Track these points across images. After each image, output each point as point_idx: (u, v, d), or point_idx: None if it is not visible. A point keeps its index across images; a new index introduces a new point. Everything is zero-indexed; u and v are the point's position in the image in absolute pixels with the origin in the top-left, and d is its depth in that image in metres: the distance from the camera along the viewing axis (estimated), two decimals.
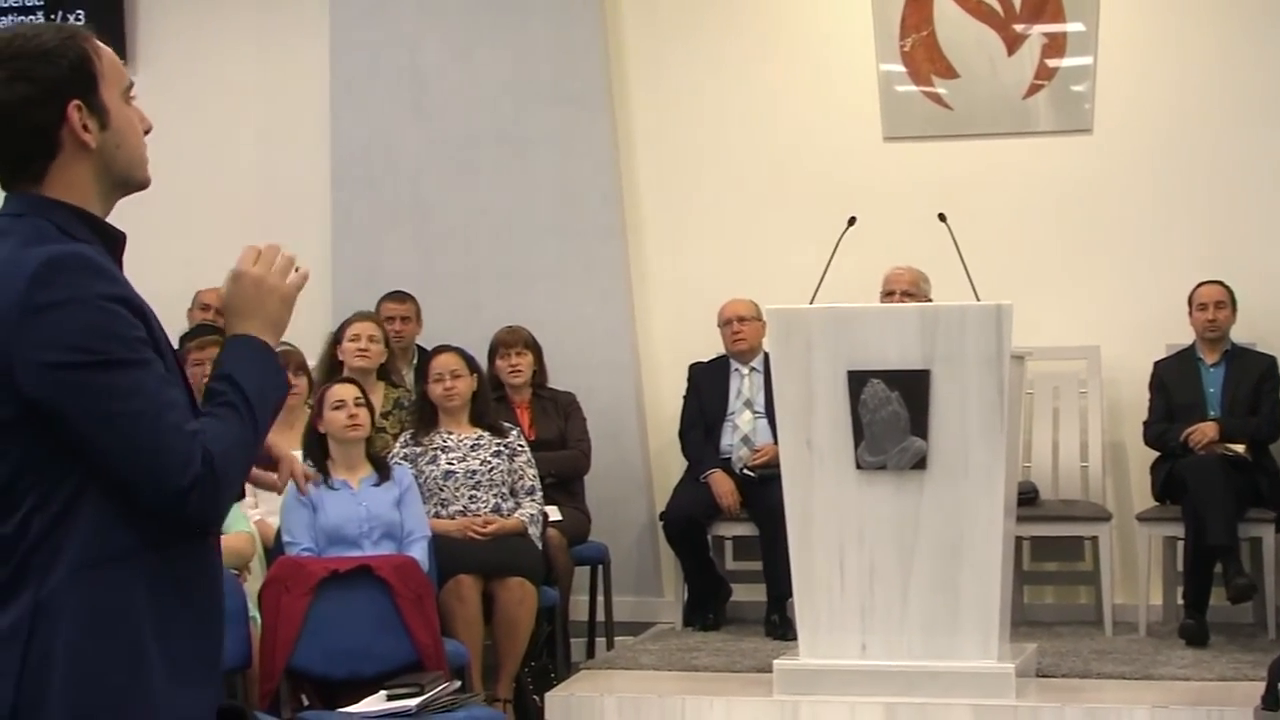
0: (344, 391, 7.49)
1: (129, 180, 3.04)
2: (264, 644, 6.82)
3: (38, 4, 10.71)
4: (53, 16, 10.59)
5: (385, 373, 8.77)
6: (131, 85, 3.05)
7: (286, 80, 10.48)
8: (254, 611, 6.95)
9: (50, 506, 2.82)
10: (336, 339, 8.69)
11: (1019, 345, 7.13)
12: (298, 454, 7.64)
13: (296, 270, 3.13)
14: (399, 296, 9.55)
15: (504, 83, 10.05)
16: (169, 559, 2.90)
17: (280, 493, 3.24)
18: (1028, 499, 8.54)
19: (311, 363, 8.50)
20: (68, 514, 2.82)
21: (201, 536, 3.00)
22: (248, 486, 3.16)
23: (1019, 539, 8.56)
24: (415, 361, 9.53)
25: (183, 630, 2.92)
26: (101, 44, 3.02)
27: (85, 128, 2.93)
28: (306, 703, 6.84)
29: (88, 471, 2.82)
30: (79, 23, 10.34)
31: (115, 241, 3.00)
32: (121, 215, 3.27)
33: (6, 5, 10.77)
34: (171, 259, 10.28)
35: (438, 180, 10.09)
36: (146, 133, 3.08)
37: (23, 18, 10.64)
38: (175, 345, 9.45)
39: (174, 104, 10.46)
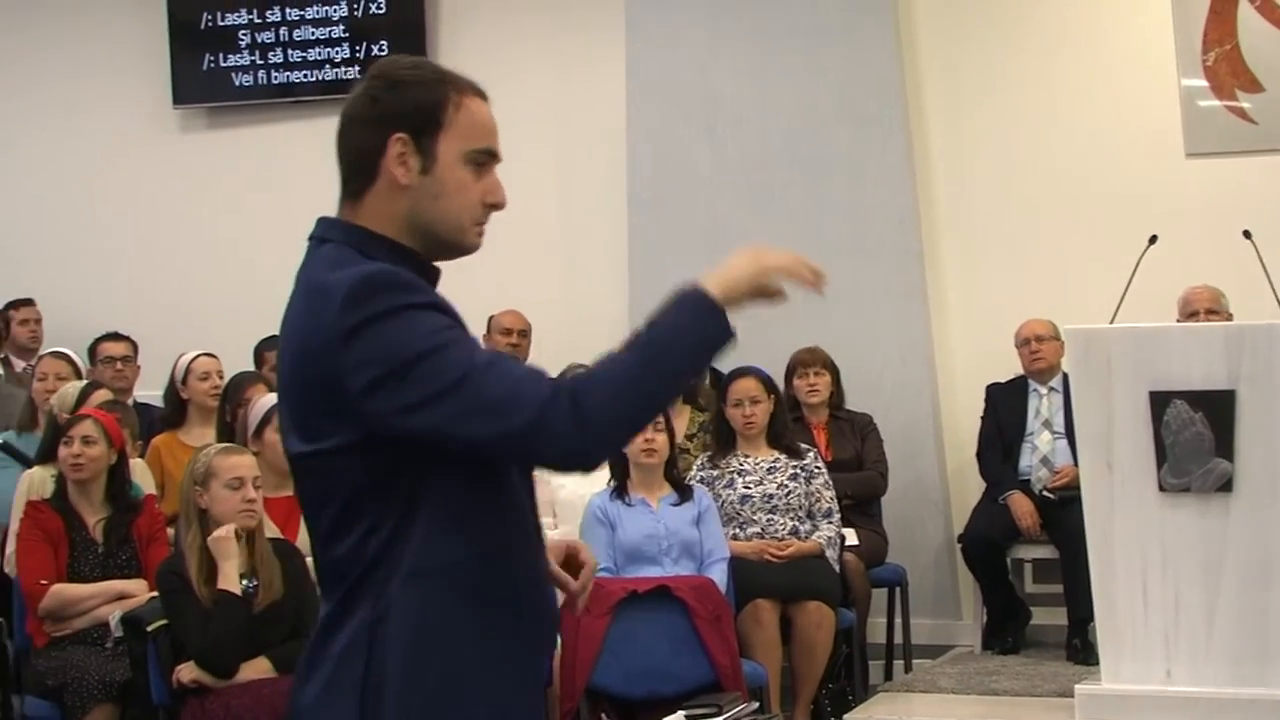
0: None
1: (442, 238, 3.02)
2: (564, 663, 6.90)
3: (343, 36, 10.99)
4: (357, 48, 10.87)
5: (692, 395, 8.79)
6: (486, 152, 3.03)
7: (582, 105, 10.61)
8: None
9: (384, 527, 2.87)
10: None
11: None
12: (603, 473, 7.71)
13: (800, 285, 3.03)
14: None
15: (797, 104, 10.05)
16: (496, 571, 2.93)
17: (573, 607, 3.27)
18: None
19: None
20: (400, 531, 2.87)
21: (530, 547, 3.01)
22: (549, 504, 3.20)
23: None
24: (707, 383, 9.55)
25: (510, 642, 2.95)
26: (481, 104, 3.03)
27: (404, 163, 2.96)
28: None
29: (419, 485, 2.86)
30: (382, 52, 10.61)
31: (429, 276, 3.02)
32: None
33: (313, 38, 11.06)
34: (469, 284, 10.45)
35: (731, 202, 10.11)
36: (494, 207, 3.04)
37: (329, 50, 10.93)
38: None
39: None
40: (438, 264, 3.08)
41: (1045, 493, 8.84)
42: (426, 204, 2.98)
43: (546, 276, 10.52)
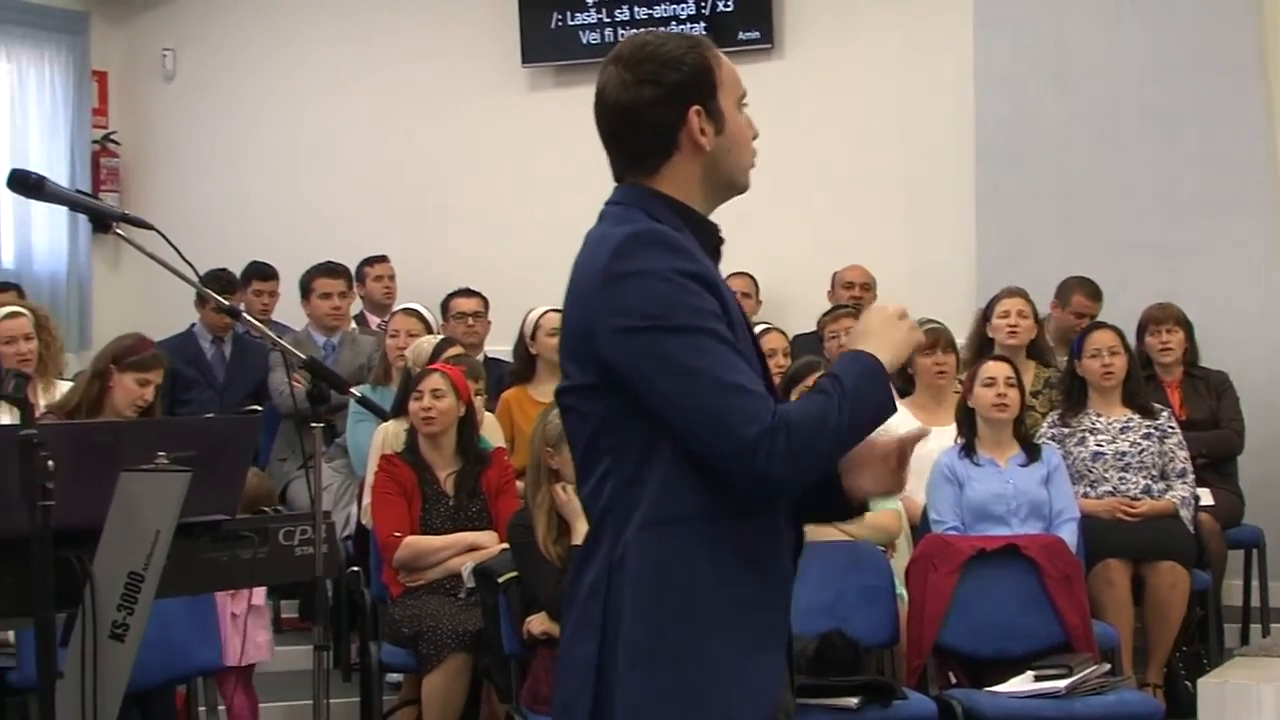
0: (996, 369, 7.46)
1: (732, 183, 3.23)
2: (911, 621, 6.87)
3: None
4: (702, 5, 10.87)
5: (1038, 350, 8.66)
6: (745, 94, 3.23)
7: (930, 56, 10.51)
8: (900, 589, 7.00)
9: (623, 469, 3.03)
10: (986, 315, 8.65)
11: None
12: (949, 429, 7.62)
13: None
14: (1090, 286, 9.33)
15: (1150, 54, 9.82)
16: (734, 527, 3.04)
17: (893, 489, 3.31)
18: None
19: (959, 340, 8.48)
20: (639, 475, 3.02)
21: (769, 508, 3.10)
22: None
23: None
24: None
25: (745, 597, 3.05)
26: (722, 54, 3.22)
27: (702, 131, 3.14)
28: (954, 680, 6.85)
29: (657, 434, 2.99)
30: (728, 9, 10.61)
31: (708, 233, 3.18)
32: (763, 200, 3.36)
33: None
34: (813, 240, 10.45)
35: (1082, 154, 9.94)
36: (753, 139, 3.25)
37: (674, 8, 10.95)
38: (814, 326, 9.55)
39: (819, 83, 10.64)
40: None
41: None
42: (722, 159, 3.19)
43: (892, 229, 10.45)
